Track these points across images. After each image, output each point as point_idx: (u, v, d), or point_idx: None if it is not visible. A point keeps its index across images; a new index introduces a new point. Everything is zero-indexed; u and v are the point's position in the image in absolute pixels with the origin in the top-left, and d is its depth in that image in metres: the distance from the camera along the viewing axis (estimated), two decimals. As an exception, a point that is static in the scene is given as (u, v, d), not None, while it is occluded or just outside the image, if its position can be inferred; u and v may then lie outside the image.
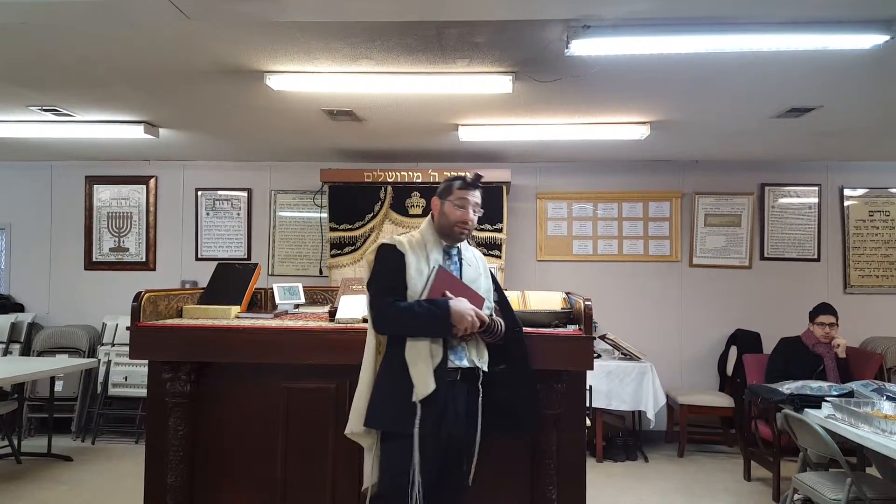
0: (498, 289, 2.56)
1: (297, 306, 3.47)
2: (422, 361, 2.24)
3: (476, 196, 2.48)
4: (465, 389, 2.35)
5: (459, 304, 2.26)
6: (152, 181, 6.14)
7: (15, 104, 4.18)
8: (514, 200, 5.80)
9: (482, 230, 5.38)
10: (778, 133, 4.67)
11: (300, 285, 3.56)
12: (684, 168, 5.86)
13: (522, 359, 2.45)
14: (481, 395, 2.38)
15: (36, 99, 4.06)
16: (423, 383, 2.22)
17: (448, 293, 2.28)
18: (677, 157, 5.70)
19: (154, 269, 6.11)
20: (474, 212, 2.46)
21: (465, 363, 2.35)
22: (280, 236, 6.08)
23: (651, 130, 4.51)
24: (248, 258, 6.05)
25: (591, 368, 2.70)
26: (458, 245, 2.50)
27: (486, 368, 2.39)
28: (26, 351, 5.81)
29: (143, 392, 5.23)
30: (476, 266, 2.50)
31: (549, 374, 2.66)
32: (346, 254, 5.47)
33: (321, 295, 3.84)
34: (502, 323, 2.42)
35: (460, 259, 2.48)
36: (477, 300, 2.34)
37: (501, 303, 2.53)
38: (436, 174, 5.36)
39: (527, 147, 5.23)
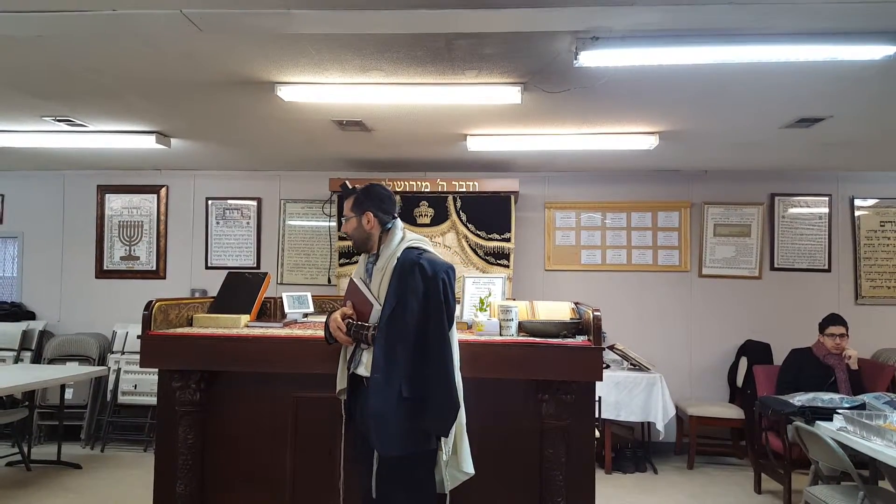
0: (396, 293, 2.33)
1: (306, 315, 3.48)
2: (340, 362, 2.59)
3: (344, 207, 2.59)
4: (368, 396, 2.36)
5: (334, 312, 2.50)
6: (163, 190, 6.19)
7: (29, 115, 4.24)
8: (523, 210, 5.80)
9: (490, 240, 5.37)
10: (787, 143, 4.65)
11: (309, 294, 3.58)
12: (693, 178, 5.85)
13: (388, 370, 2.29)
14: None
15: (50, 109, 4.12)
16: (338, 381, 2.57)
17: (350, 301, 2.52)
18: (686, 166, 5.69)
19: (164, 278, 6.15)
20: (344, 221, 2.59)
21: (362, 371, 2.42)
22: (289, 245, 6.11)
23: (660, 140, 4.51)
24: (258, 267, 6.08)
25: (600, 379, 2.70)
26: (379, 252, 2.50)
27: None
28: (37, 359, 5.85)
29: (152, 400, 5.27)
30: (383, 273, 2.43)
31: (557, 384, 2.66)
32: (355, 263, 5.42)
33: (330, 304, 3.85)
34: (370, 330, 2.37)
35: (373, 266, 2.51)
36: (365, 306, 2.44)
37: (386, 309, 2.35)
38: (444, 184, 5.37)
39: (535, 157, 5.24)
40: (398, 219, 2.56)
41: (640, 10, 2.48)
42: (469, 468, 2.41)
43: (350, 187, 2.58)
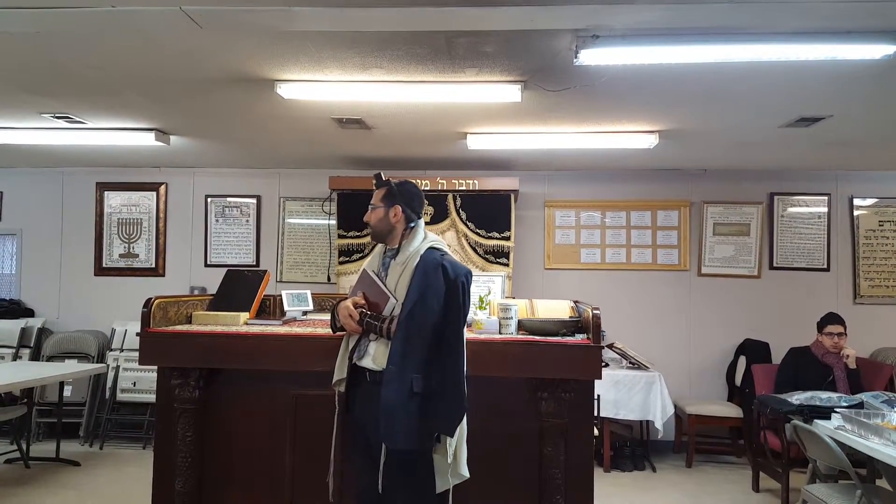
0: (419, 290, 2.35)
1: (305, 313, 3.48)
2: (341, 352, 2.57)
3: (374, 196, 2.59)
4: (374, 388, 2.35)
5: (345, 301, 2.50)
6: (162, 188, 6.18)
7: (28, 111, 4.23)
8: (522, 209, 5.80)
9: (490, 238, 5.37)
10: (787, 142, 4.66)
11: (309, 292, 3.57)
12: (693, 177, 5.85)
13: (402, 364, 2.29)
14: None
15: (48, 106, 4.11)
16: (336, 371, 2.55)
17: (362, 291, 2.52)
18: (686, 165, 5.69)
19: (163, 276, 6.15)
20: (371, 210, 2.58)
21: (368, 363, 2.42)
22: (289, 243, 6.11)
23: (660, 139, 4.51)
24: (257, 265, 6.08)
25: (599, 377, 2.70)
26: (398, 247, 2.52)
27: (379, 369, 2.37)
28: (36, 356, 5.85)
29: (151, 398, 5.26)
30: (403, 268, 2.45)
31: (556, 383, 2.66)
32: (355, 261, 5.48)
33: (329, 302, 3.85)
34: (385, 322, 2.39)
35: (392, 260, 2.53)
36: (381, 298, 2.44)
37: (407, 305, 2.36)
38: (444, 182, 5.37)
39: (535, 155, 5.24)
40: (422, 219, 2.60)
41: (640, 9, 2.48)
42: (464, 471, 2.41)
43: (384, 178, 2.61)
